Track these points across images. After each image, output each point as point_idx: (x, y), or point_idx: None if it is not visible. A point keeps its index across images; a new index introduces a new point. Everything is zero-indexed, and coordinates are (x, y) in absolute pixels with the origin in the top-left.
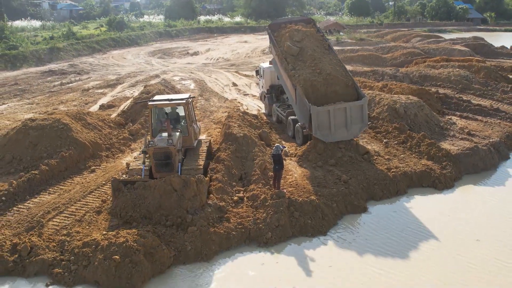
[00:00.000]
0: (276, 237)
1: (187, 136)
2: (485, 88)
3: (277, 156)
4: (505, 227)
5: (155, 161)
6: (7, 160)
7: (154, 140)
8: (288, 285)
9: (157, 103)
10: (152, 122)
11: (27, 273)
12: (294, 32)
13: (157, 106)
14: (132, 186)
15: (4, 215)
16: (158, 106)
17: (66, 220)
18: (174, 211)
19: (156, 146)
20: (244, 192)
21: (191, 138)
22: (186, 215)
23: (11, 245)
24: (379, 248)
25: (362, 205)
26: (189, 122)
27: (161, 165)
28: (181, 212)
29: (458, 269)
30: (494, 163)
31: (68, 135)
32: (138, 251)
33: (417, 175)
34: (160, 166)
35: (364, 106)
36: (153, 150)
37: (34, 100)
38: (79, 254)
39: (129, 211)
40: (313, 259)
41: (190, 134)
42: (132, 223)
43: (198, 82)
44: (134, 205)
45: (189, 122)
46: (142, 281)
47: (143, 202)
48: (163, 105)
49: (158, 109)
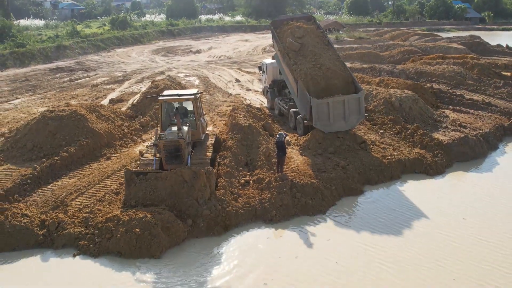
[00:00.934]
0: (280, 215)
1: (195, 130)
2: (478, 83)
3: (280, 143)
4: (489, 208)
5: (166, 153)
6: (29, 148)
7: (165, 133)
8: (291, 256)
9: (167, 98)
10: (162, 116)
11: (55, 245)
12: (295, 28)
13: (167, 101)
14: (144, 177)
15: (30, 196)
16: (167, 101)
17: (88, 200)
18: (184, 200)
19: (167, 139)
20: (250, 176)
21: (199, 131)
22: (197, 205)
23: (39, 221)
24: (373, 226)
25: (358, 188)
26: (197, 117)
27: (171, 158)
28: (191, 201)
29: (445, 244)
30: (483, 152)
31: (84, 125)
32: (156, 225)
33: (410, 162)
34: (170, 158)
35: (361, 99)
36: (163, 143)
37: (46, 95)
38: (103, 228)
39: (141, 200)
40: (313, 234)
41: (198, 128)
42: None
43: (202, 78)
44: (146, 194)
45: (197, 117)
46: (160, 251)
47: (154, 192)
48: (173, 100)
49: (168, 104)
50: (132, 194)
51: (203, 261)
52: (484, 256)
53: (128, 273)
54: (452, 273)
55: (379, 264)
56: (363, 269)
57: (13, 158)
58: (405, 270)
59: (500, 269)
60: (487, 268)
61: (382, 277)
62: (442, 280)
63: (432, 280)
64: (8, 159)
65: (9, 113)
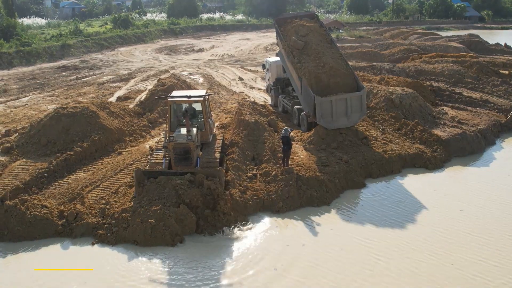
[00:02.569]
0: (286, 206)
1: (204, 132)
2: (476, 82)
3: (286, 138)
4: (485, 200)
5: (175, 155)
6: (43, 143)
7: (174, 135)
8: (297, 243)
9: (176, 100)
10: (170, 117)
11: (74, 235)
12: (299, 27)
13: (176, 103)
14: (154, 179)
15: (47, 189)
16: (177, 102)
17: (103, 192)
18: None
19: (176, 142)
20: (257, 170)
21: (207, 133)
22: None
23: (58, 212)
24: (374, 217)
25: (361, 182)
26: (205, 118)
27: (180, 160)
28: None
29: (443, 233)
30: (480, 147)
31: (96, 122)
32: (170, 217)
33: (410, 157)
34: (179, 160)
35: (363, 97)
36: (173, 145)
37: (54, 93)
38: (119, 218)
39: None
40: (318, 224)
41: (207, 129)
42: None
43: (206, 76)
44: (155, 195)
45: (205, 118)
46: (174, 241)
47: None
48: (182, 101)
49: (176, 105)
50: (142, 194)
51: (215, 249)
52: (479, 248)
53: (144, 259)
54: (449, 262)
55: (377, 252)
56: (364, 256)
57: (28, 153)
58: (401, 259)
59: (496, 261)
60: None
61: (383, 262)
62: (440, 269)
63: (429, 269)
64: (24, 154)
65: (20, 110)
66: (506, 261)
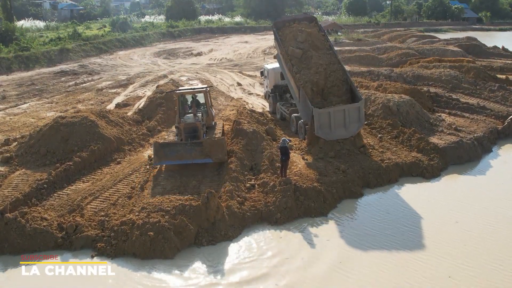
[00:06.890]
0: (284, 217)
1: (207, 117)
2: (473, 87)
3: (284, 148)
4: (481, 211)
5: (185, 134)
6: (42, 153)
7: (184, 118)
8: (296, 256)
9: (183, 91)
10: (179, 108)
11: (73, 247)
12: (298, 32)
13: (183, 94)
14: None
15: (47, 200)
16: (183, 93)
17: (102, 204)
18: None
19: (186, 122)
20: (255, 180)
21: (210, 118)
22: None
23: (57, 224)
24: (371, 227)
25: (358, 191)
26: (208, 106)
27: (190, 137)
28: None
29: (436, 245)
30: (477, 155)
31: (95, 131)
32: (169, 229)
33: (408, 166)
34: (189, 137)
35: (361, 108)
36: (183, 125)
37: (53, 100)
38: (118, 231)
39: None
40: (315, 235)
41: (210, 115)
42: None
43: (205, 82)
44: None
45: (208, 106)
46: (173, 253)
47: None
48: (188, 92)
49: (183, 96)
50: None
51: (215, 260)
52: (478, 256)
53: (144, 272)
54: (447, 274)
55: (378, 262)
56: (363, 267)
57: (28, 163)
58: (399, 268)
59: (494, 266)
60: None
61: (380, 274)
62: (439, 282)
63: (427, 278)
64: (23, 164)
65: (19, 118)
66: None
